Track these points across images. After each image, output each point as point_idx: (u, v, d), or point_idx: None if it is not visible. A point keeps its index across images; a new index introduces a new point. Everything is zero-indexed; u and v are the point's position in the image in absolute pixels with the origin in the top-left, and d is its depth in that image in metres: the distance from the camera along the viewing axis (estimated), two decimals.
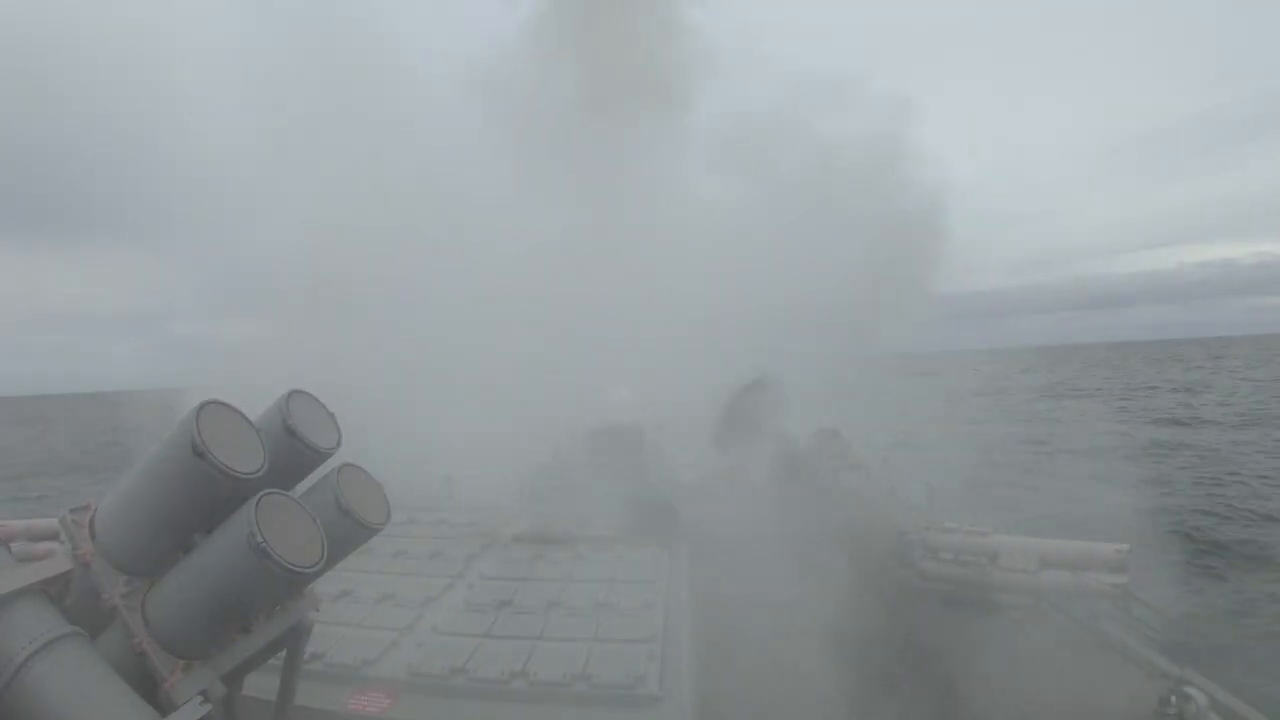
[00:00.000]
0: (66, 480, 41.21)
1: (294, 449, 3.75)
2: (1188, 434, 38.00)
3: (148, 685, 3.09)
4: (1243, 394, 56.52)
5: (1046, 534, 11.48)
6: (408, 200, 23.47)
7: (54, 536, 11.43)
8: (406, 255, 22.75)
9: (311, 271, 23.24)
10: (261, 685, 4.25)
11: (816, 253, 24.78)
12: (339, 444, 4.02)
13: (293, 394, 3.89)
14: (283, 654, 4.12)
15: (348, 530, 3.65)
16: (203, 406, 3.21)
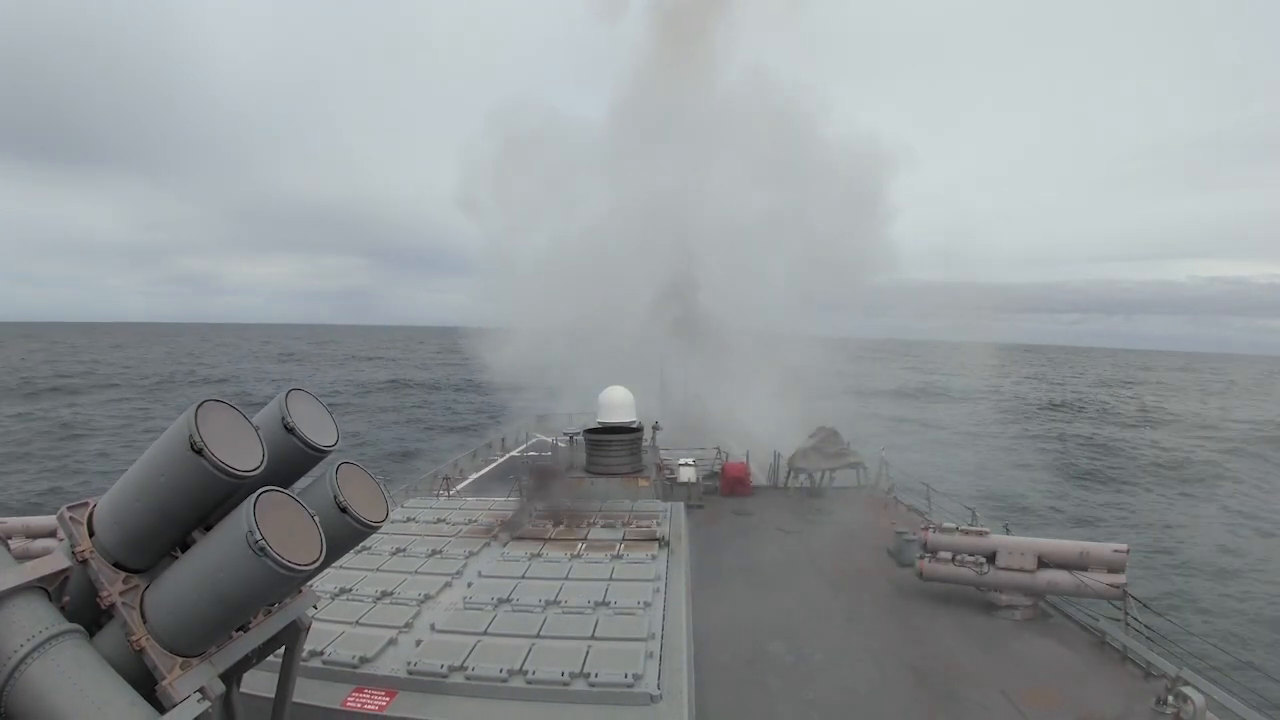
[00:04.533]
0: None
1: (292, 447, 3.74)
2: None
3: (146, 683, 3.08)
4: None
5: (1046, 534, 11.49)
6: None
7: (52, 534, 11.42)
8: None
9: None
10: (260, 683, 4.25)
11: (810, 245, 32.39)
12: (337, 442, 4.01)
13: (291, 392, 3.88)
14: (281, 651, 4.12)
15: (346, 528, 3.64)
16: (201, 404, 3.20)
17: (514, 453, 24.64)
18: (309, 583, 3.96)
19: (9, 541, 3.61)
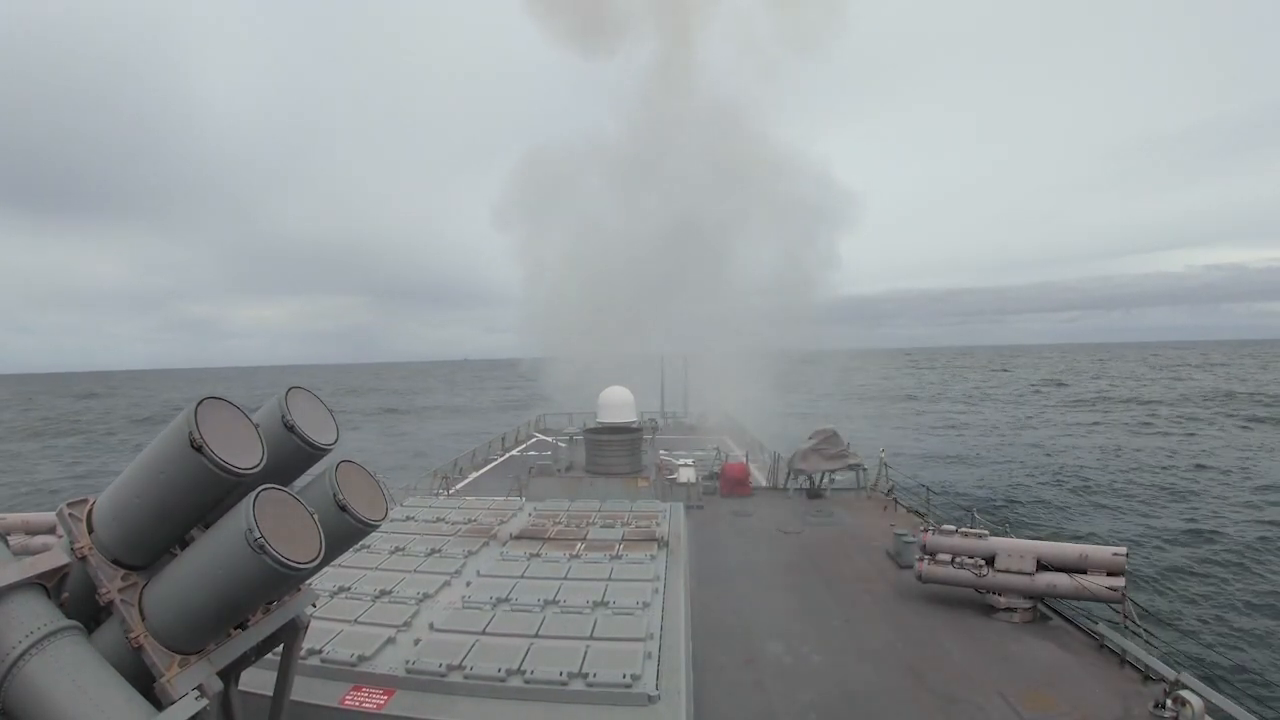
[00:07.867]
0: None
1: (292, 445, 3.74)
2: None
3: (144, 680, 3.08)
4: None
5: (1045, 536, 11.49)
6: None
7: (51, 530, 11.43)
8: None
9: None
10: (258, 680, 4.25)
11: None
12: (337, 440, 4.01)
13: (292, 390, 3.88)
14: (279, 649, 4.12)
15: (345, 526, 3.64)
16: (201, 402, 3.20)
17: (514, 452, 24.66)
18: (308, 581, 3.96)
19: (8, 538, 3.61)
